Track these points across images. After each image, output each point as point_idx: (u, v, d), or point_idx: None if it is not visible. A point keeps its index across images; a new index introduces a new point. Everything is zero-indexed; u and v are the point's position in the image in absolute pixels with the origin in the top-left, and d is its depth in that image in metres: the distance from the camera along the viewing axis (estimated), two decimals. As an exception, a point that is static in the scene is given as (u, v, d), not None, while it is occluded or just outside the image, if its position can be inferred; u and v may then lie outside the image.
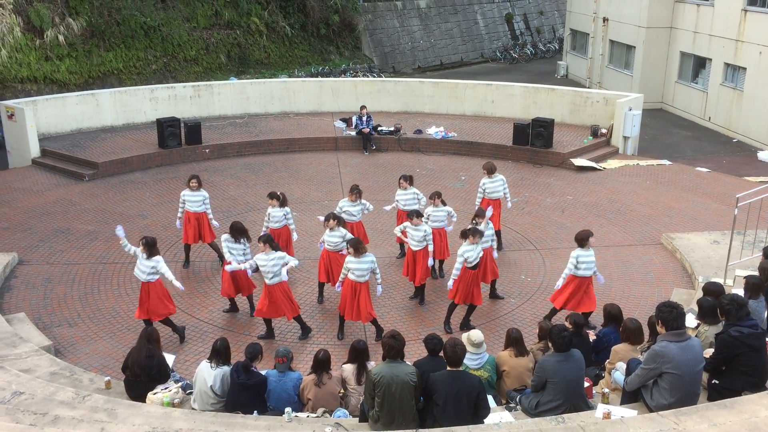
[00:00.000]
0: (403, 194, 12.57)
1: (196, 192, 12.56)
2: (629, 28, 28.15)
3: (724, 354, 6.74)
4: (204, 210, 12.59)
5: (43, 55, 24.58)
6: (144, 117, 21.22)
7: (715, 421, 5.68)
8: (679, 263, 12.82)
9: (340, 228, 11.10)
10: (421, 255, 11.18)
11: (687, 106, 25.82)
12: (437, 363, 6.93)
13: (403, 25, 36.67)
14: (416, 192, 12.60)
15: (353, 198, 12.09)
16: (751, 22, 22.22)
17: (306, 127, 21.36)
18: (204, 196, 12.61)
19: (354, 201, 12.10)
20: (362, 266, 9.91)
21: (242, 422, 7.06)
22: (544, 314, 11.01)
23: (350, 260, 9.95)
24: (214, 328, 10.78)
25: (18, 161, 18.77)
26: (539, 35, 42.65)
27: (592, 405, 7.00)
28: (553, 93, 22.05)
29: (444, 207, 11.98)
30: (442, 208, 11.94)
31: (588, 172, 18.21)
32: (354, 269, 9.92)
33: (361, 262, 9.90)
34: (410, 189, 12.59)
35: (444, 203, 12.04)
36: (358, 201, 12.14)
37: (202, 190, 12.66)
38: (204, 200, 12.59)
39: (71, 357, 9.92)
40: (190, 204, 12.53)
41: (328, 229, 11.05)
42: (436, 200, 11.90)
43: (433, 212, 11.88)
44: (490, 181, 12.96)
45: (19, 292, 11.81)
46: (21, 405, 7.13)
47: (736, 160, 20.36)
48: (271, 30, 31.46)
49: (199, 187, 12.59)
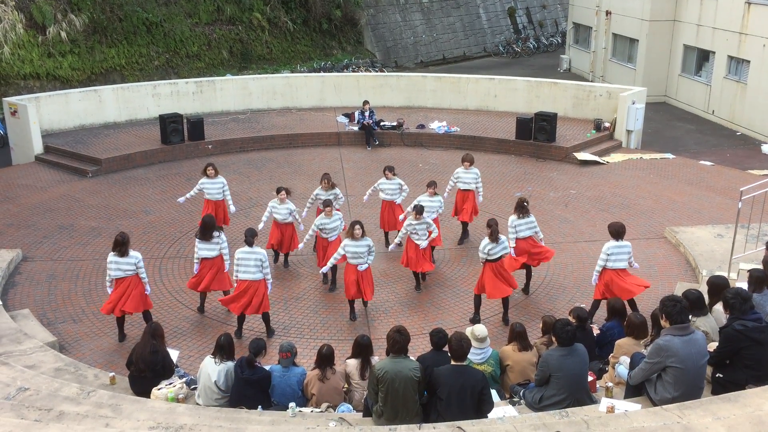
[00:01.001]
0: (387, 184, 12.85)
1: (215, 179, 12.92)
2: (632, 21, 28.06)
3: (728, 348, 6.73)
4: (223, 198, 12.98)
5: (46, 52, 24.59)
6: (147, 113, 21.22)
7: (719, 414, 5.67)
8: (682, 257, 12.80)
9: (335, 212, 11.65)
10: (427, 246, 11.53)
11: (690, 99, 25.74)
12: (441, 357, 6.94)
13: (405, 19, 36.59)
14: (400, 183, 12.94)
15: (326, 186, 12.40)
16: (755, 15, 22.12)
17: (308, 123, 21.34)
18: (222, 183, 12.98)
19: (326, 189, 12.40)
20: (359, 249, 10.35)
21: (246, 417, 7.08)
22: (548, 309, 11.03)
23: (348, 243, 10.37)
24: (217, 324, 10.79)
25: (21, 158, 18.80)
26: (542, 29, 42.53)
27: (595, 399, 6.99)
28: (556, 87, 21.99)
29: (437, 197, 12.31)
30: (436, 198, 12.26)
31: (591, 166, 18.18)
32: (352, 252, 10.34)
33: (358, 245, 10.33)
34: (394, 179, 12.92)
35: (437, 193, 12.38)
36: (330, 190, 12.42)
37: (219, 176, 13.03)
38: (223, 187, 12.96)
39: (76, 353, 9.94)
40: (210, 194, 12.92)
41: (324, 216, 11.47)
42: (430, 190, 12.27)
43: (429, 203, 12.12)
44: (465, 172, 13.19)
45: (23, 288, 11.84)
46: (26, 401, 7.15)
47: (739, 154, 20.30)
48: (273, 25, 31.43)
49: (216, 174, 12.95)
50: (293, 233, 12.25)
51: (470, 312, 10.93)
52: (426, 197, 12.21)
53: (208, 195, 12.92)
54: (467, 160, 13.21)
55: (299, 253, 12.73)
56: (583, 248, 13.31)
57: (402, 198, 12.92)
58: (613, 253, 10.04)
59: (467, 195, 13.16)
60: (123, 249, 9.83)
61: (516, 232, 11.09)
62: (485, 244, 10.34)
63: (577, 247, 13.41)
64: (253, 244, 10.02)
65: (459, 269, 12.60)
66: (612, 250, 10.03)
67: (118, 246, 9.85)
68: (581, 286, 11.80)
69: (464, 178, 13.18)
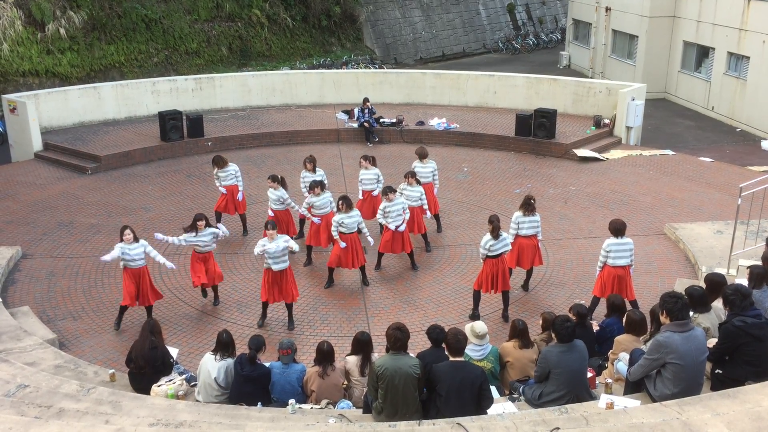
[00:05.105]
0: (365, 173, 13.26)
1: (226, 168, 13.47)
2: (632, 18, 28.03)
3: (727, 344, 6.73)
4: (236, 183, 13.53)
5: (45, 49, 24.57)
6: (146, 110, 21.20)
7: (719, 410, 5.67)
8: (682, 253, 12.80)
9: (326, 191, 12.32)
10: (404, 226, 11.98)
11: (690, 95, 25.73)
12: (440, 354, 6.94)
13: (404, 16, 36.54)
14: (377, 173, 13.31)
15: (310, 168, 13.09)
16: (755, 11, 22.10)
17: (308, 120, 21.32)
18: (235, 169, 13.56)
19: (311, 171, 13.07)
20: (352, 220, 11.28)
21: (246, 414, 7.08)
22: (547, 305, 11.03)
23: (342, 216, 11.22)
24: (217, 320, 10.80)
25: (20, 155, 18.78)
26: (541, 25, 42.49)
27: (595, 395, 7.00)
28: (555, 83, 21.98)
29: (418, 187, 12.63)
30: (416, 188, 12.60)
31: (591, 163, 18.17)
32: (347, 223, 11.22)
33: (350, 216, 11.28)
34: (372, 169, 13.28)
35: (418, 182, 12.72)
36: (314, 172, 13.11)
37: (230, 164, 13.57)
38: (236, 173, 13.52)
39: (75, 350, 9.94)
40: (224, 180, 13.47)
41: (314, 196, 12.15)
42: (410, 179, 12.58)
43: (410, 192, 12.51)
44: (422, 166, 13.45)
45: (23, 285, 11.84)
46: (26, 398, 7.15)
47: (739, 150, 20.30)
48: (273, 22, 31.39)
49: (225, 164, 13.48)
50: (289, 219, 12.73)
51: (469, 308, 10.94)
52: (406, 186, 12.59)
53: (223, 181, 13.49)
54: (422, 154, 13.59)
55: (298, 252, 12.74)
56: (582, 245, 13.32)
57: (379, 189, 13.01)
58: (613, 250, 10.03)
59: (426, 188, 13.19)
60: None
61: (518, 228, 11.08)
62: (486, 240, 10.34)
63: (577, 243, 13.42)
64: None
65: (458, 266, 12.61)
66: (611, 247, 10.03)
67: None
68: (581, 283, 11.81)
69: (422, 172, 13.35)
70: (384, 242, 11.99)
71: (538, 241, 11.34)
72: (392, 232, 11.82)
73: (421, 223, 12.78)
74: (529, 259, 11.26)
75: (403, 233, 11.92)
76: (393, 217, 11.75)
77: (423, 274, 12.27)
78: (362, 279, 11.89)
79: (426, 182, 13.24)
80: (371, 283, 11.88)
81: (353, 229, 11.41)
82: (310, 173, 13.08)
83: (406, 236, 12.00)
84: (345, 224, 11.27)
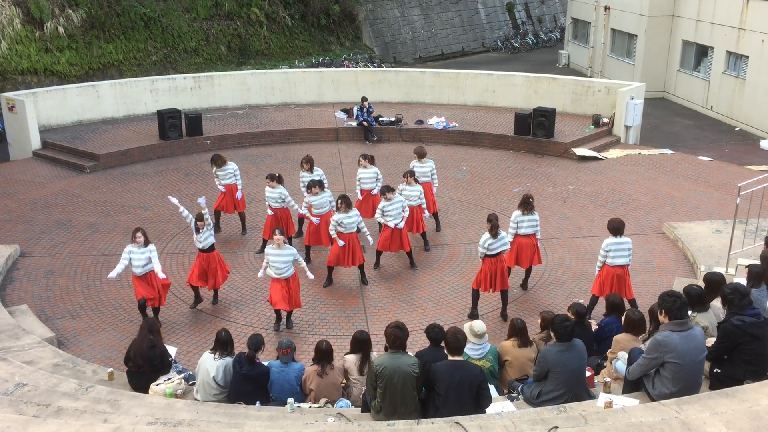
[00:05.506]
0: (364, 172, 13.21)
1: (225, 166, 13.41)
2: (631, 17, 28.02)
3: (726, 343, 6.73)
4: (235, 182, 13.46)
5: (43, 47, 24.52)
6: (144, 108, 21.18)
7: (717, 410, 5.67)
8: (680, 252, 12.81)
9: (325, 190, 12.33)
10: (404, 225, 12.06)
11: (689, 94, 25.73)
12: (439, 353, 6.93)
13: (403, 14, 36.52)
14: (376, 172, 13.26)
15: (307, 168, 13.05)
16: (754, 10, 22.10)
17: (307, 118, 21.31)
18: (234, 168, 13.50)
19: (309, 171, 13.04)
20: (351, 220, 11.26)
21: (245, 413, 7.08)
22: (546, 304, 11.03)
23: (341, 215, 11.22)
24: (216, 319, 10.79)
25: (19, 153, 18.76)
26: (540, 24, 42.47)
27: (593, 394, 7.00)
28: (554, 82, 21.97)
29: (417, 186, 12.63)
30: (415, 187, 12.59)
31: (590, 162, 18.17)
32: (345, 223, 11.20)
33: (349, 216, 11.25)
34: (370, 168, 13.24)
35: (417, 181, 12.71)
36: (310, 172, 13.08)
37: (229, 163, 13.51)
38: (234, 172, 13.46)
39: (74, 348, 9.94)
40: (223, 179, 13.40)
41: (312, 195, 12.15)
42: (408, 178, 12.57)
43: (409, 191, 12.47)
44: (420, 165, 13.43)
45: (21, 284, 11.83)
46: (24, 396, 7.14)
47: (738, 149, 20.30)
48: (272, 20, 31.35)
49: (224, 163, 13.43)
50: (288, 218, 12.69)
51: (468, 307, 10.94)
52: (405, 186, 12.58)
53: (223, 180, 13.43)
54: (420, 153, 13.57)
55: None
56: (581, 244, 13.32)
57: (378, 188, 12.99)
58: (612, 249, 10.04)
59: (425, 187, 13.18)
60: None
61: (517, 227, 11.08)
62: (485, 239, 10.34)
63: (576, 242, 13.42)
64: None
65: (457, 265, 12.61)
66: (610, 247, 10.03)
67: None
68: (579, 282, 11.82)
69: (420, 172, 13.32)
70: (382, 240, 12.00)
71: (537, 240, 11.33)
72: (391, 230, 11.83)
73: (420, 222, 12.78)
74: (528, 258, 11.27)
75: (402, 232, 11.93)
76: (392, 217, 11.76)
77: (422, 273, 12.27)
78: (361, 278, 11.89)
79: (424, 181, 13.24)
80: (370, 282, 11.89)
81: (352, 229, 11.41)
82: (307, 173, 13.11)
83: (404, 235, 12.00)
84: (344, 224, 11.29)
